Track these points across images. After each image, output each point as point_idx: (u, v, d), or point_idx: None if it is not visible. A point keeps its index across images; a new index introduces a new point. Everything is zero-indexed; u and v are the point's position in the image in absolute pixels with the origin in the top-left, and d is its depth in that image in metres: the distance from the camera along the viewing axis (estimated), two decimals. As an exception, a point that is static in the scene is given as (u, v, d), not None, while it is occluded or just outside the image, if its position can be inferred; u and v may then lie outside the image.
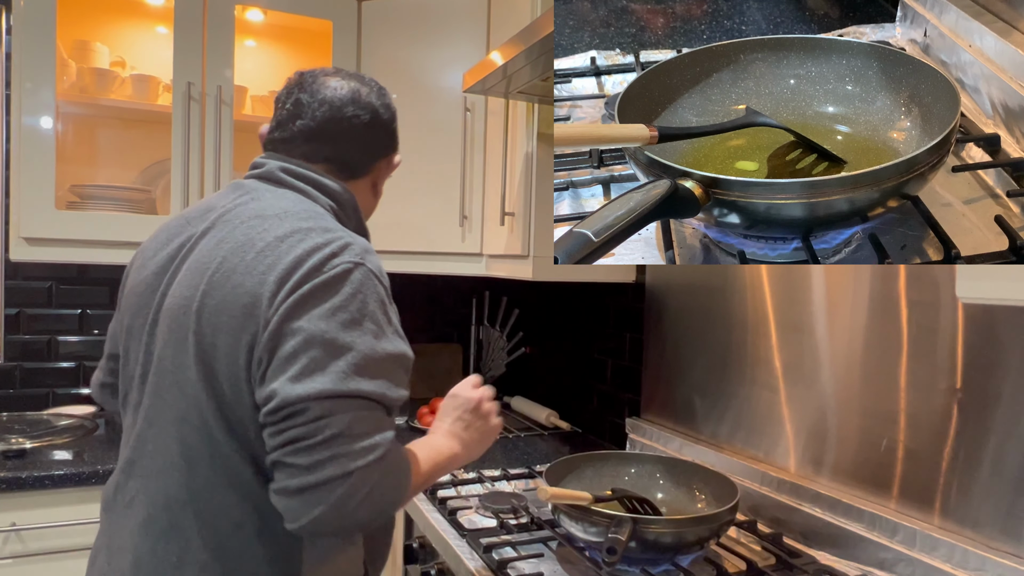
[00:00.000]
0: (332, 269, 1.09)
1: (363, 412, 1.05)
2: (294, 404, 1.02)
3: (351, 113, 1.29)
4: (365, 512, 1.05)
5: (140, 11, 2.62)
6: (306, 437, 1.02)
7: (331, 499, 1.01)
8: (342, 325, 1.06)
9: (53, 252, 2.27)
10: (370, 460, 1.04)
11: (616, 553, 1.29)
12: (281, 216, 1.16)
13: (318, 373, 1.03)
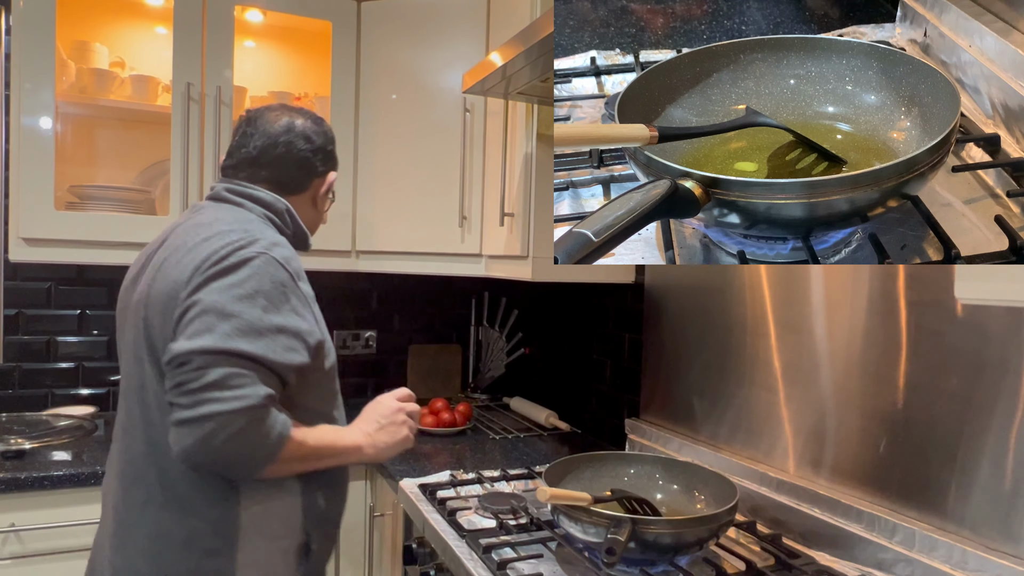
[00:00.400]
0: (235, 256, 1.33)
1: (240, 369, 1.25)
2: (182, 356, 1.24)
3: (284, 141, 1.56)
4: (229, 451, 1.25)
5: (139, 12, 2.62)
6: (188, 382, 1.24)
7: (199, 434, 1.22)
8: (235, 298, 1.29)
9: (52, 253, 2.26)
10: (236, 407, 1.23)
11: (615, 554, 1.29)
12: (213, 223, 1.42)
13: (206, 333, 1.25)
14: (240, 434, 1.24)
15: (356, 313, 3.06)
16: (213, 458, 1.25)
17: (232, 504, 1.38)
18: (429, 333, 3.22)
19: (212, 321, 1.27)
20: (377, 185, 2.56)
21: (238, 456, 1.27)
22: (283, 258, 1.38)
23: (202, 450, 1.23)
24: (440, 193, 2.48)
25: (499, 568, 1.43)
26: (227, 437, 1.23)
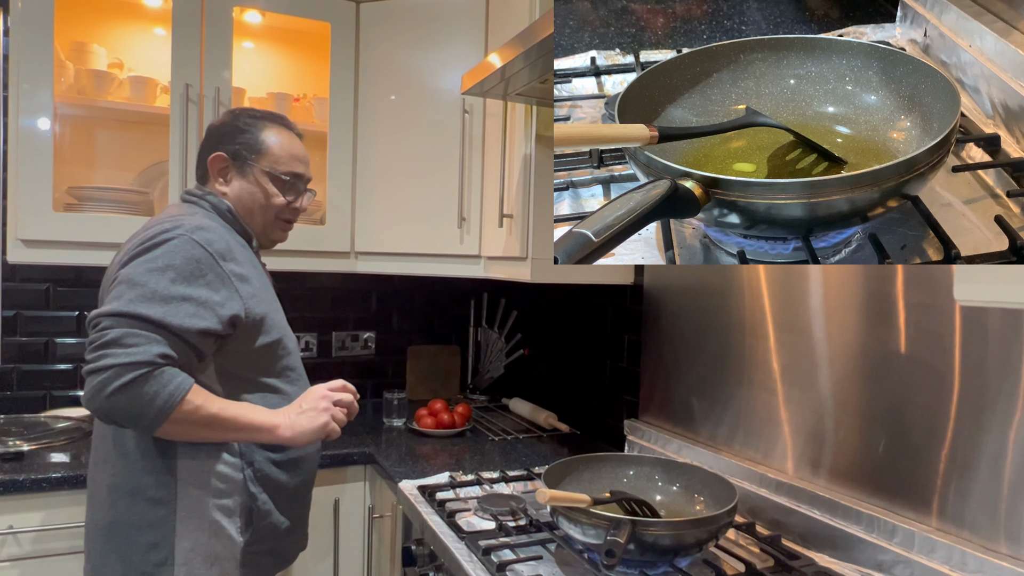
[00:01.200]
0: (156, 238, 1.50)
1: (136, 330, 1.41)
2: (93, 319, 1.43)
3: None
4: (119, 403, 1.38)
5: (138, 13, 2.62)
6: (94, 341, 1.41)
7: (93, 384, 1.38)
8: (146, 271, 1.46)
9: (51, 254, 2.26)
10: (125, 362, 1.37)
11: (615, 555, 1.29)
12: (161, 217, 1.60)
13: (115, 300, 1.43)
14: (127, 387, 1.37)
15: (355, 314, 3.06)
16: (105, 408, 1.39)
17: (169, 458, 1.54)
18: (428, 334, 3.22)
19: (123, 290, 1.44)
20: (376, 186, 2.56)
21: (128, 409, 1.40)
22: (204, 240, 1.53)
23: (95, 399, 1.38)
24: (439, 194, 2.48)
25: (498, 570, 1.43)
26: (115, 389, 1.37)
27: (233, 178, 1.74)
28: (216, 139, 1.74)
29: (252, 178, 1.73)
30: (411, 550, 1.79)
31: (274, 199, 1.75)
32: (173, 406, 1.43)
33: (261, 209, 1.75)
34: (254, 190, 1.73)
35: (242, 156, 1.72)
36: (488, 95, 2.05)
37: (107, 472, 1.58)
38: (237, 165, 1.73)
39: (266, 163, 1.73)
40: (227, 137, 1.73)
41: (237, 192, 1.73)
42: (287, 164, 1.76)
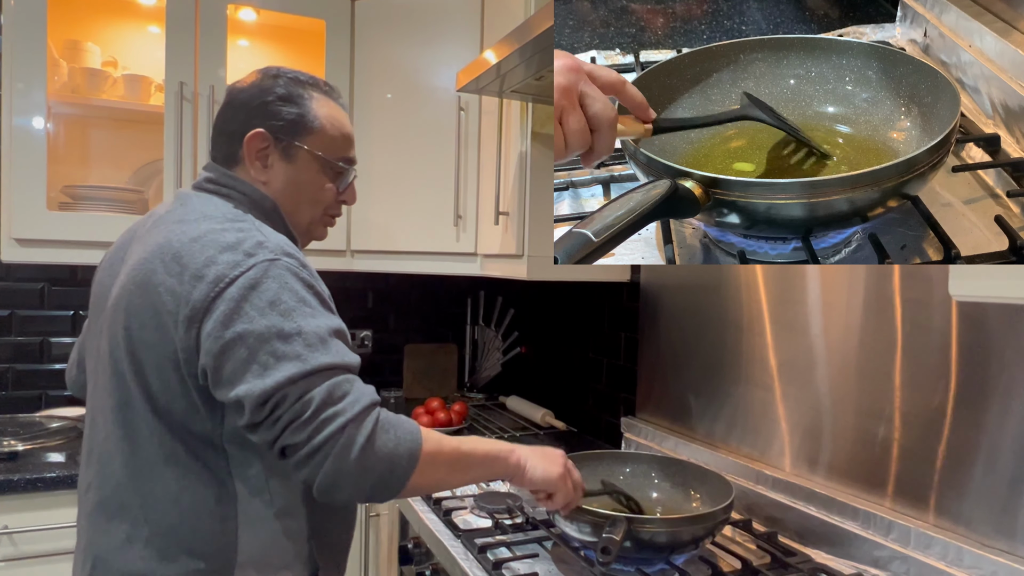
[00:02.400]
0: (251, 268, 1.14)
1: (336, 379, 1.12)
2: (273, 395, 1.08)
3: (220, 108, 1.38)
4: (368, 459, 1.10)
5: (132, 11, 2.61)
6: (297, 417, 1.08)
7: (332, 453, 1.08)
8: (282, 314, 1.12)
9: (45, 253, 2.25)
10: (358, 411, 1.11)
11: (611, 553, 1.29)
12: (199, 219, 1.23)
13: (283, 361, 1.10)
14: (372, 440, 1.11)
15: (351, 313, 3.05)
16: (353, 479, 1.10)
17: (230, 535, 1.22)
18: (425, 332, 3.22)
19: (279, 347, 1.11)
20: (372, 184, 2.55)
21: (380, 464, 1.12)
22: (296, 263, 1.21)
23: (339, 474, 1.09)
24: (435, 192, 2.48)
25: (494, 568, 1.43)
26: (363, 445, 1.10)
27: (275, 162, 1.34)
28: (251, 109, 1.33)
29: (299, 163, 1.36)
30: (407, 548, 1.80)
31: (325, 191, 1.40)
32: (419, 447, 1.16)
33: (310, 203, 1.39)
34: (301, 179, 1.36)
35: (289, 134, 1.34)
36: (484, 92, 2.05)
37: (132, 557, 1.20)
38: (281, 146, 1.34)
39: (317, 144, 1.36)
40: (267, 108, 1.33)
41: (282, 182, 1.35)
42: (340, 147, 1.41)
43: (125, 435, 1.21)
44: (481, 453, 1.30)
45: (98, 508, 1.24)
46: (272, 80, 1.35)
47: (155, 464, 1.20)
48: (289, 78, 1.37)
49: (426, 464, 1.17)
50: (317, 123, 1.36)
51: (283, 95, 1.34)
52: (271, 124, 1.32)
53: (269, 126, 1.32)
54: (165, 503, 1.19)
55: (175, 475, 1.20)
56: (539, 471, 1.35)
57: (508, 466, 1.33)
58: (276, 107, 1.33)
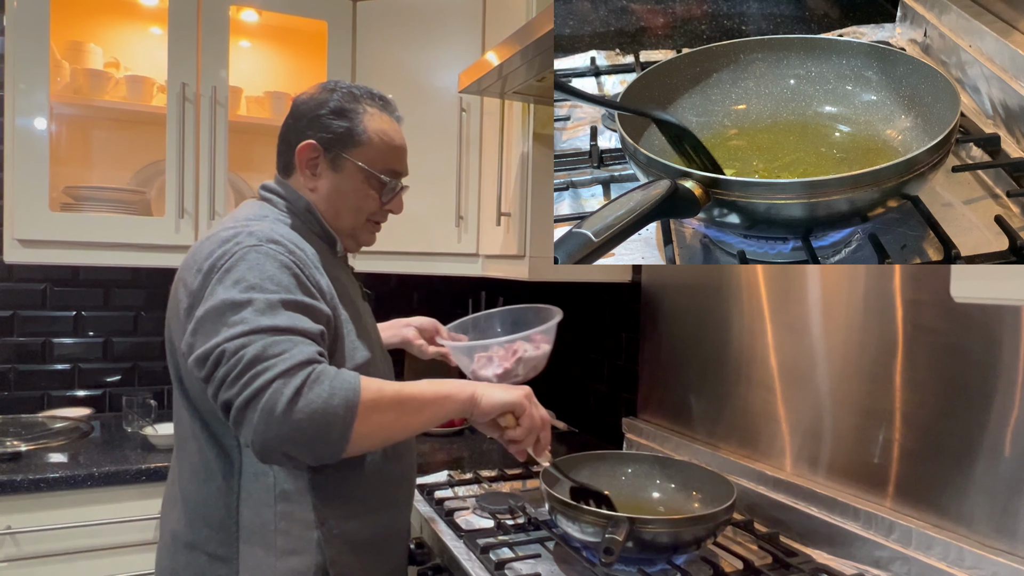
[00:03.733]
0: (233, 254, 1.23)
1: (276, 338, 1.14)
2: (212, 352, 1.14)
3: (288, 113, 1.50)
4: (301, 417, 1.09)
5: (134, 12, 2.62)
6: (229, 373, 1.12)
7: (259, 407, 1.09)
8: (242, 290, 1.18)
9: (47, 254, 2.26)
10: (288, 366, 1.11)
11: (613, 553, 1.29)
12: (223, 223, 1.36)
13: (224, 326, 1.15)
14: (300, 395, 1.10)
15: (352, 313, 3.05)
16: (286, 432, 1.09)
17: (232, 511, 1.31)
18: (425, 333, 3.21)
19: (228, 313, 1.16)
20: (373, 185, 2.55)
21: (312, 420, 1.10)
22: (285, 250, 1.27)
23: (271, 426, 1.09)
24: (437, 193, 2.48)
25: (497, 568, 1.43)
26: (288, 402, 1.08)
27: (323, 172, 1.44)
28: (306, 122, 1.44)
29: (345, 173, 1.45)
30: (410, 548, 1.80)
31: (368, 200, 1.48)
32: (357, 395, 1.14)
33: (352, 211, 1.47)
34: (345, 188, 1.45)
35: (336, 145, 1.43)
36: (485, 93, 2.05)
37: (171, 518, 1.39)
38: (329, 157, 1.43)
39: (362, 157, 1.44)
40: (321, 120, 1.43)
41: (327, 190, 1.44)
42: (386, 160, 1.48)
43: (176, 410, 1.41)
44: (430, 393, 1.27)
45: (169, 470, 1.46)
46: (328, 93, 1.45)
47: (187, 438, 1.36)
48: (344, 92, 1.46)
49: (368, 411, 1.16)
50: (365, 136, 1.44)
51: (335, 108, 1.43)
52: (321, 136, 1.43)
53: (320, 138, 1.42)
54: (189, 473, 1.36)
55: (197, 448, 1.35)
56: (496, 395, 1.33)
57: (461, 401, 1.30)
58: (327, 120, 1.43)
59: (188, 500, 1.36)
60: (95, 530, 2.02)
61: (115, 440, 2.30)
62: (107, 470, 2.02)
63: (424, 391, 1.26)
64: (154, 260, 2.35)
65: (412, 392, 1.25)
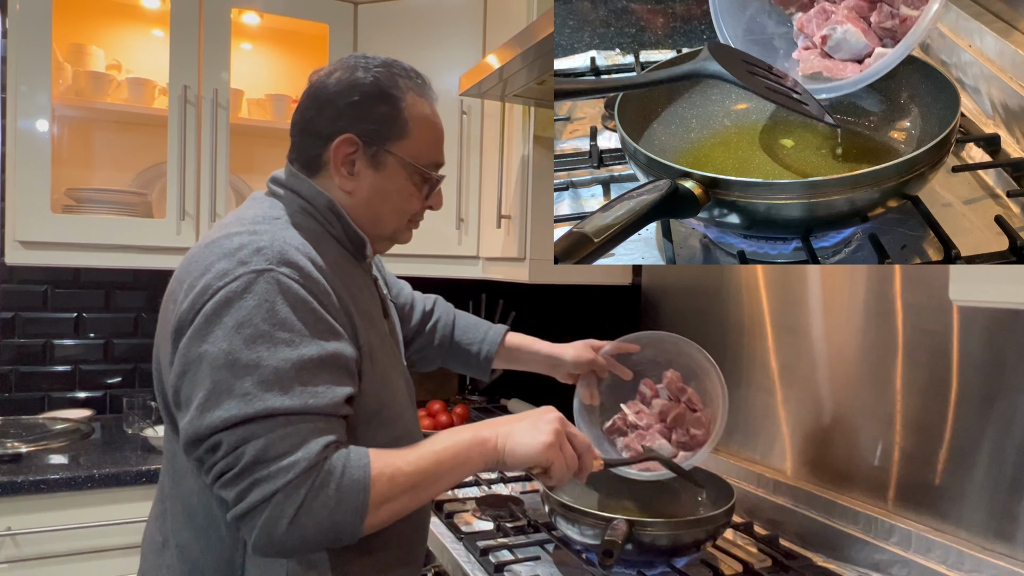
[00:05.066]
0: (235, 277, 1.03)
1: (281, 430, 0.99)
2: (208, 438, 1.00)
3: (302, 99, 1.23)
4: (303, 531, 0.99)
5: (136, 14, 2.62)
6: (227, 470, 1.00)
7: (259, 524, 0.98)
8: (246, 340, 1.00)
9: (49, 256, 2.27)
10: (290, 478, 0.98)
11: (613, 555, 1.29)
12: (226, 223, 1.15)
13: (224, 398, 0.99)
14: (306, 509, 0.99)
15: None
16: (289, 546, 1.00)
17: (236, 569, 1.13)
18: (426, 336, 3.21)
19: (227, 379, 1.00)
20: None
21: (319, 531, 1.01)
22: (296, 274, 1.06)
23: (270, 542, 0.99)
24: (437, 195, 2.48)
25: (496, 570, 1.43)
26: (292, 517, 0.98)
27: (361, 170, 1.20)
28: (336, 110, 1.18)
29: (388, 171, 1.22)
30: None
31: (411, 200, 1.26)
32: (367, 494, 1.02)
33: (395, 214, 1.26)
34: (388, 188, 1.22)
35: (378, 139, 1.19)
36: (486, 96, 2.06)
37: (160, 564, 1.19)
38: (370, 152, 1.20)
39: (408, 150, 1.21)
40: (358, 107, 1.18)
41: (366, 192, 1.22)
42: (431, 152, 1.26)
43: (167, 446, 1.19)
44: (448, 459, 1.12)
45: (152, 514, 1.24)
46: (363, 73, 1.19)
47: (182, 475, 1.15)
48: (379, 70, 1.20)
49: (378, 504, 1.04)
50: (409, 125, 1.21)
51: (373, 92, 1.19)
52: (361, 127, 1.18)
53: (360, 129, 1.18)
54: (183, 517, 1.15)
55: (196, 490, 1.14)
56: (519, 450, 1.17)
57: (484, 456, 1.16)
58: (367, 106, 1.19)
59: (183, 549, 1.15)
60: (96, 532, 2.02)
61: (116, 442, 2.30)
62: (108, 472, 2.02)
63: (441, 458, 1.11)
64: (155, 262, 2.36)
65: (428, 467, 1.10)
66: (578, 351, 1.64)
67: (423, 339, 1.70)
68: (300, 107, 1.22)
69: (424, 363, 1.74)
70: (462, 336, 1.71)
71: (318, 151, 1.20)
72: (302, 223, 1.16)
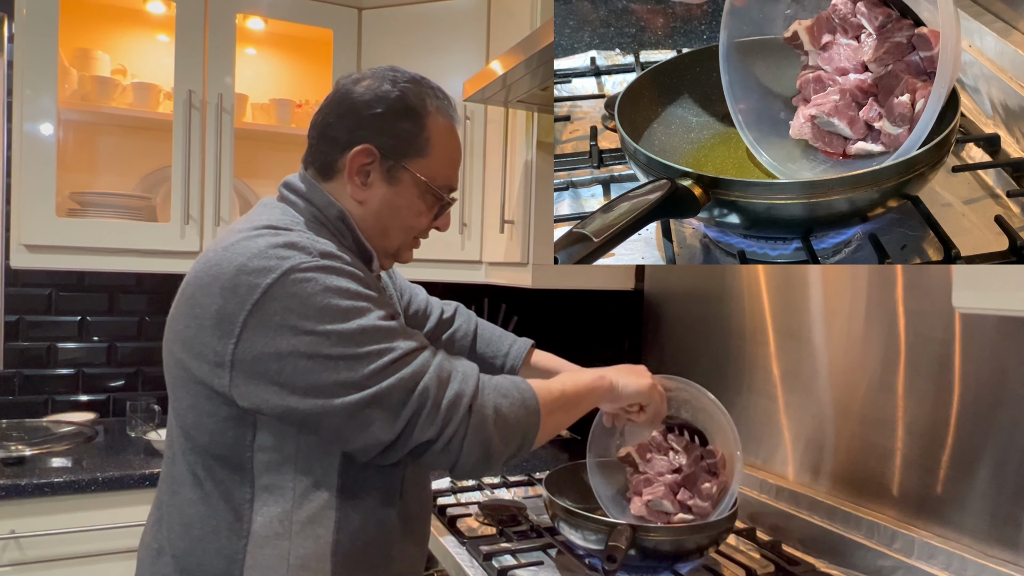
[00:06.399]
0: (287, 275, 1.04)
1: (432, 360, 1.11)
2: (374, 391, 1.05)
3: (326, 103, 1.25)
4: (504, 424, 1.12)
5: (141, 19, 2.63)
6: (420, 409, 1.07)
7: (470, 428, 1.09)
8: (336, 319, 1.05)
9: (53, 259, 2.27)
10: (473, 387, 1.11)
11: (616, 561, 1.29)
12: (238, 228, 1.15)
13: (356, 363, 1.05)
14: (499, 408, 1.13)
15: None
16: (496, 443, 1.13)
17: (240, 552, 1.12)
18: (429, 342, 3.21)
19: (349, 351, 1.05)
20: (378, 193, 2.56)
21: (516, 424, 1.15)
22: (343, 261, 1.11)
23: (483, 441, 1.11)
24: (440, 200, 2.48)
25: (500, 575, 1.42)
26: (493, 419, 1.11)
27: (375, 182, 1.21)
28: (360, 119, 1.20)
29: (401, 187, 1.23)
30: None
31: (419, 218, 1.27)
32: (536, 400, 1.18)
33: (403, 230, 1.27)
34: (399, 203, 1.23)
35: (396, 154, 1.21)
36: (489, 102, 2.06)
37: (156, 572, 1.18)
38: (386, 166, 1.21)
39: (425, 169, 1.23)
40: (381, 119, 1.19)
41: (377, 204, 1.22)
42: (447, 174, 1.27)
43: (167, 451, 1.21)
44: (582, 388, 1.29)
45: (150, 511, 1.25)
46: (390, 85, 1.20)
47: (184, 484, 1.15)
48: (407, 86, 1.21)
49: (547, 415, 1.19)
50: (429, 145, 1.22)
51: (400, 107, 1.20)
52: (381, 140, 1.19)
53: (380, 142, 1.19)
54: (180, 527, 1.15)
55: (194, 499, 1.14)
56: (631, 386, 1.38)
57: (603, 391, 1.34)
58: (390, 120, 1.20)
59: (179, 559, 1.14)
60: (99, 535, 2.02)
61: (119, 445, 2.31)
62: (111, 475, 2.02)
63: (578, 387, 1.29)
64: (159, 266, 2.36)
65: (569, 390, 1.27)
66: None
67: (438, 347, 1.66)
68: (323, 110, 1.23)
69: None
70: (485, 348, 1.69)
71: (334, 157, 1.21)
72: (315, 231, 1.17)
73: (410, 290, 1.65)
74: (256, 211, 1.22)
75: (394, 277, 1.59)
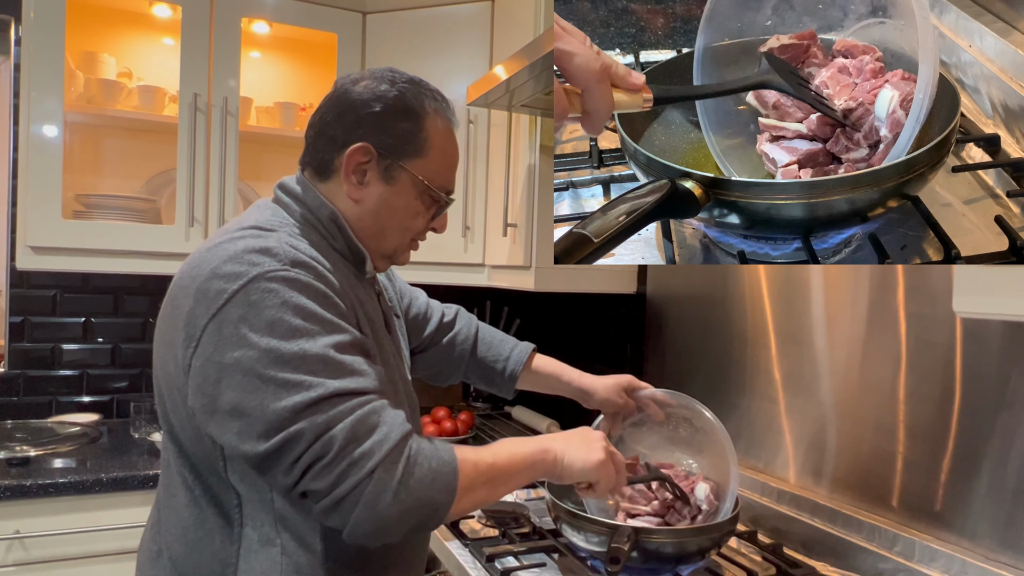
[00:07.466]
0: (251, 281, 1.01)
1: (359, 410, 1.00)
2: (282, 431, 0.97)
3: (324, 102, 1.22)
4: (403, 506, 0.99)
5: (147, 23, 2.65)
6: (318, 459, 0.97)
7: (361, 501, 0.97)
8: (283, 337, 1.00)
9: (59, 261, 2.28)
10: (386, 452, 0.98)
11: (618, 563, 1.28)
12: (228, 228, 1.13)
13: (283, 391, 0.98)
14: (405, 481, 0.99)
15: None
16: (390, 522, 0.99)
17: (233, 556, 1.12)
18: (433, 345, 3.21)
19: (277, 375, 0.98)
20: (382, 196, 2.57)
21: (418, 504, 1.01)
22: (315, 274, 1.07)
23: (373, 518, 0.98)
24: (444, 203, 2.49)
25: (502, 577, 1.43)
26: (395, 491, 0.98)
27: (372, 181, 1.19)
28: (358, 117, 1.18)
29: (398, 186, 1.21)
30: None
31: (416, 219, 1.25)
32: (457, 476, 1.04)
33: (399, 231, 1.25)
34: (396, 204, 1.21)
35: (394, 153, 1.19)
36: (493, 106, 2.06)
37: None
38: (383, 165, 1.19)
39: (423, 169, 1.21)
40: (379, 118, 1.18)
41: (374, 203, 1.20)
42: (445, 175, 1.25)
43: (163, 457, 1.19)
44: (518, 461, 1.15)
45: (150, 513, 1.25)
46: (388, 85, 1.19)
47: (176, 488, 1.15)
48: (406, 86, 1.20)
49: (464, 492, 1.05)
50: (427, 145, 1.20)
51: (398, 106, 1.18)
52: (379, 139, 1.17)
53: (377, 141, 1.17)
54: (176, 530, 1.15)
55: (188, 501, 1.13)
56: (578, 463, 1.21)
57: (545, 466, 1.19)
58: (388, 119, 1.18)
59: (176, 561, 1.15)
60: (103, 535, 2.02)
61: (123, 446, 2.31)
62: (115, 476, 2.03)
63: (513, 460, 1.14)
64: (164, 268, 2.37)
65: (503, 464, 1.12)
66: (609, 392, 1.64)
67: (438, 351, 1.65)
68: (320, 109, 1.22)
69: (441, 377, 1.69)
70: (486, 352, 1.67)
71: (331, 155, 1.19)
72: (305, 233, 1.16)
73: (411, 293, 1.65)
74: (248, 212, 1.21)
75: (394, 280, 1.59)
